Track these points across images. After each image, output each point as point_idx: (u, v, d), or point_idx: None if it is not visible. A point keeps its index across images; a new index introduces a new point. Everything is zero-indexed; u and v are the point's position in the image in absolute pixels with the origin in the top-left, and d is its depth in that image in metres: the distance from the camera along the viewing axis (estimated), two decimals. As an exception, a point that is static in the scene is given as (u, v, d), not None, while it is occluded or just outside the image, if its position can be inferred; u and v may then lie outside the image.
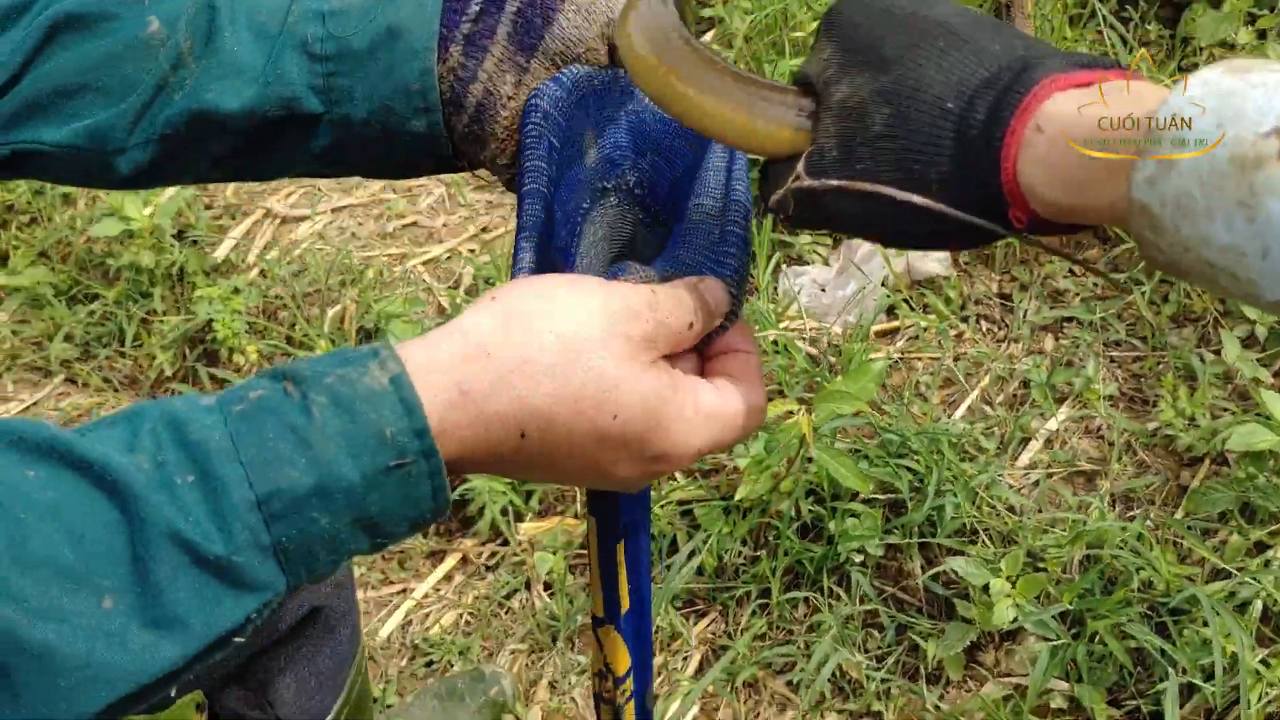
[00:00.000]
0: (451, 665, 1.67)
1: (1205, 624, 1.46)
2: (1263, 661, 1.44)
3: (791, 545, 1.63)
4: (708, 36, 2.32)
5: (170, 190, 2.21)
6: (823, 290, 1.99)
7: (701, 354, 0.66)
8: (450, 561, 1.79)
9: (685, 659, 1.64)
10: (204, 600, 0.50)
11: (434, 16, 0.73)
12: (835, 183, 0.56)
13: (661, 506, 1.68)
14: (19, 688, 0.48)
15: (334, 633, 1.21)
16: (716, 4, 2.32)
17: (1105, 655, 1.50)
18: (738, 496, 1.58)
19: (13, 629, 0.47)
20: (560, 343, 0.56)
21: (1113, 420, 1.77)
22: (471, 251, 2.22)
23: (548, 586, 1.73)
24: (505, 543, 1.78)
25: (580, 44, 0.73)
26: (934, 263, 1.99)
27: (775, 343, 1.83)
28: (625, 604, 0.83)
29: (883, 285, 1.97)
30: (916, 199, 0.53)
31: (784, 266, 2.04)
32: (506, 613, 1.73)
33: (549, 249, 0.67)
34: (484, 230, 2.27)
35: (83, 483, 0.50)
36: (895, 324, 1.97)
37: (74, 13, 0.74)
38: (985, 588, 1.52)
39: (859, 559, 1.62)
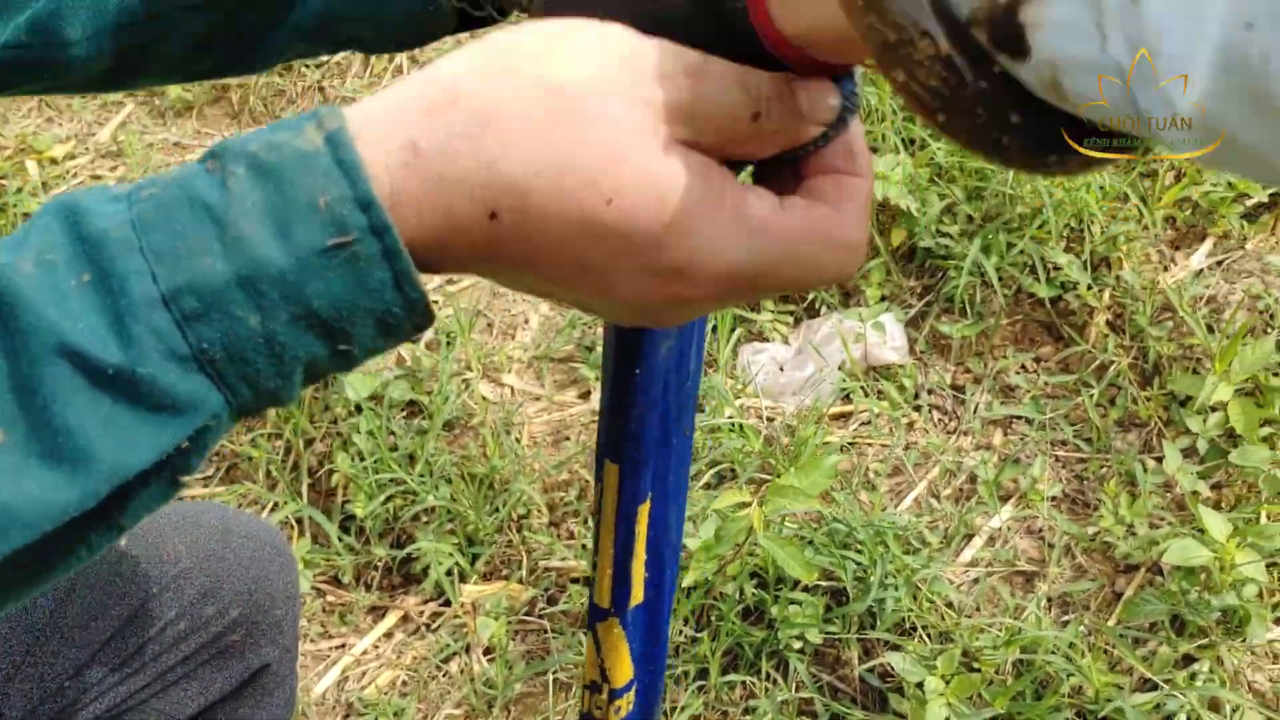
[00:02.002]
0: (385, 726, 1.66)
1: (1131, 735, 1.49)
2: (1184, 776, 1.48)
3: (733, 627, 1.64)
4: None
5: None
6: (781, 369, 2.02)
7: (798, 174, 0.49)
8: (391, 619, 1.78)
9: (620, 735, 1.64)
10: (109, 427, 0.40)
11: None
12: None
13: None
14: None
15: (272, 695, 1.21)
16: None
17: (1032, 760, 1.53)
18: (685, 583, 1.59)
19: None
20: (549, 95, 0.43)
21: (1054, 522, 1.80)
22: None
23: (488, 651, 1.73)
24: (448, 603, 1.78)
25: None
26: (890, 351, 2.02)
27: (732, 422, 1.85)
28: (638, 594, 0.65)
29: (839, 370, 2.00)
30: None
31: (744, 343, 2.06)
32: (444, 675, 1.72)
33: None
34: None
35: None
36: (849, 408, 1.99)
37: None
38: (920, 684, 1.54)
39: (798, 645, 1.64)
